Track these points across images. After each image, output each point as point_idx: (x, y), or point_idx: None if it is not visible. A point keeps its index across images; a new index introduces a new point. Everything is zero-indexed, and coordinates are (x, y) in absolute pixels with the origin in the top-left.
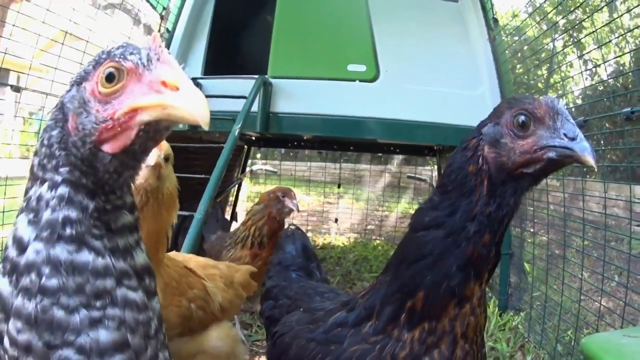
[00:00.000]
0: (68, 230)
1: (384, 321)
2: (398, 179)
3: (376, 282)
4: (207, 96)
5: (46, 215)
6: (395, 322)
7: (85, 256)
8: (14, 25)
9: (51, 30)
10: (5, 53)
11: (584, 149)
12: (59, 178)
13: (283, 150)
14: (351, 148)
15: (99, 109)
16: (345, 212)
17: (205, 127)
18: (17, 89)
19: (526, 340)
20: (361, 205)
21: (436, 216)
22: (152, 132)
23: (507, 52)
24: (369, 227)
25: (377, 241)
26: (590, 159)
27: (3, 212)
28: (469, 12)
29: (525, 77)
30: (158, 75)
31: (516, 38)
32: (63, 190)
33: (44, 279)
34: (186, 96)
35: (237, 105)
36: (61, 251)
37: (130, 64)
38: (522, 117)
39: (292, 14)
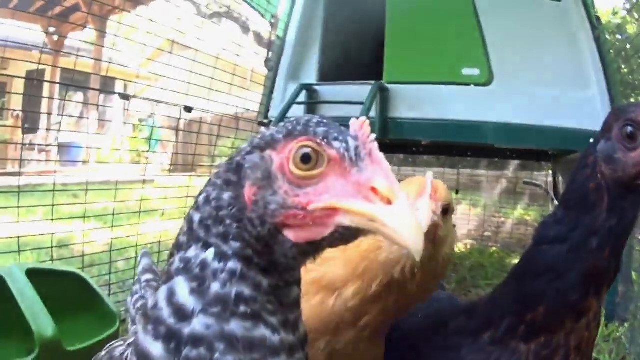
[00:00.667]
0: (242, 308)
1: (502, 332)
2: (514, 184)
3: (496, 292)
4: (324, 102)
5: (215, 288)
6: (513, 333)
7: (262, 332)
8: (115, 36)
9: (157, 39)
10: (110, 62)
11: None
12: (229, 251)
13: (402, 156)
14: (469, 153)
15: (289, 192)
16: (462, 217)
17: (417, 258)
18: (125, 96)
19: (627, 352)
20: (478, 211)
21: (559, 231)
22: (348, 235)
23: (611, 51)
24: (485, 233)
25: (494, 248)
26: None
27: (113, 214)
28: (573, 11)
29: (631, 77)
30: (369, 179)
31: (619, 36)
32: (234, 265)
33: (217, 354)
34: (401, 217)
35: (354, 112)
36: (237, 327)
37: (334, 153)
38: (629, 129)
39: (403, 18)
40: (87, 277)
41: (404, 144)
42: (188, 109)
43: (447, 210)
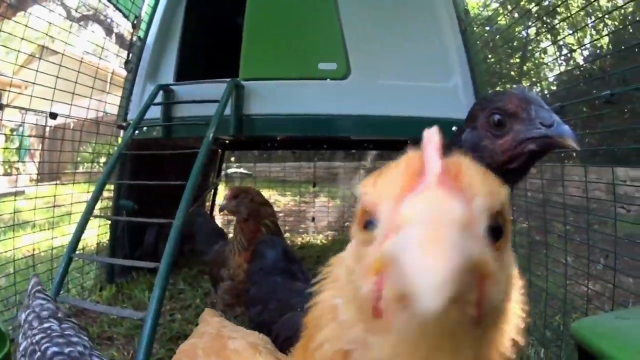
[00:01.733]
0: None
1: None
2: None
3: None
4: (180, 102)
5: None
6: None
7: None
8: None
9: (30, 45)
10: None
11: (563, 133)
12: None
13: (257, 152)
14: (324, 146)
15: None
16: (322, 210)
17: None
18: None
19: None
20: (337, 202)
21: None
22: None
23: (478, 42)
24: (346, 224)
25: None
26: (571, 142)
27: None
28: (439, 5)
29: (498, 66)
30: None
31: (488, 28)
32: None
33: None
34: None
35: (211, 110)
36: None
37: None
38: (497, 117)
39: (262, 15)
40: None
41: (260, 140)
42: (53, 116)
43: (498, 229)
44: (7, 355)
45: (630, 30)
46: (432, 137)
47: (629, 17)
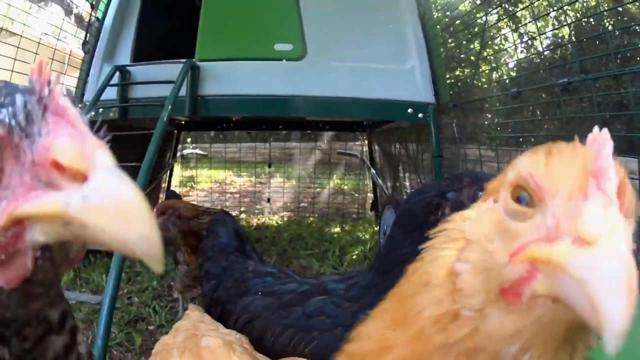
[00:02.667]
0: None
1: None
2: (329, 155)
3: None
4: (135, 83)
5: None
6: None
7: None
8: None
9: None
10: None
11: None
12: None
13: (213, 133)
14: (280, 127)
15: None
16: (277, 191)
17: (158, 268)
18: None
19: None
20: (293, 183)
21: (404, 253)
22: (58, 257)
23: (438, 27)
24: (302, 204)
25: (311, 218)
26: None
27: None
28: None
29: (457, 50)
30: (46, 147)
31: (448, 13)
32: None
33: None
34: (105, 196)
35: (166, 91)
36: None
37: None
38: (480, 194)
39: None
40: None
41: (215, 120)
42: None
43: None
44: None
45: (592, 22)
46: (605, 140)
47: (591, 10)
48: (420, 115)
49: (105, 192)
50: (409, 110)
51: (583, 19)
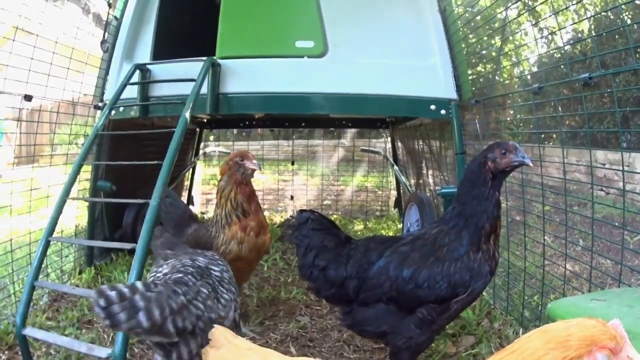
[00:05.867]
0: None
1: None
2: (352, 152)
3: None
4: (156, 81)
5: None
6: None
7: None
8: None
9: (3, 27)
10: None
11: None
12: None
13: (235, 131)
14: (303, 124)
15: None
16: (300, 188)
17: None
18: None
19: (492, 307)
20: (316, 181)
21: (470, 194)
22: None
23: (459, 22)
24: (325, 202)
25: (335, 216)
26: (529, 163)
27: None
28: None
29: (479, 46)
30: None
31: (469, 9)
32: None
33: None
34: None
35: (188, 89)
36: None
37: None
38: (504, 151)
39: None
40: None
41: (237, 118)
42: (28, 98)
43: None
44: None
45: (611, 17)
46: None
47: (609, 4)
48: (442, 111)
49: None
50: (432, 106)
51: (602, 13)
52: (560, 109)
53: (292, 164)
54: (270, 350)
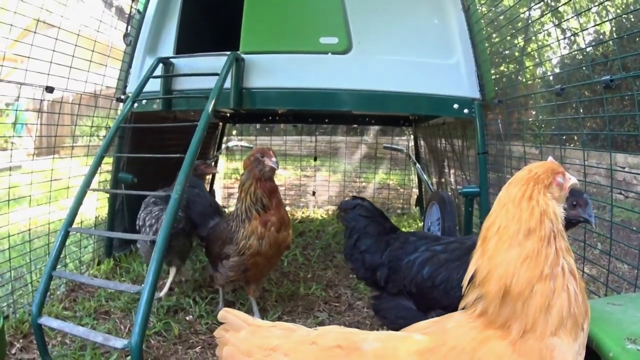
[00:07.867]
0: None
1: None
2: (374, 149)
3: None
4: (179, 75)
5: None
6: None
7: None
8: None
9: (24, 19)
10: None
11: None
12: None
13: (258, 126)
14: (326, 120)
15: None
16: (322, 184)
17: None
18: None
19: None
20: (338, 177)
21: None
22: None
23: (482, 21)
24: (347, 199)
25: None
26: (593, 222)
27: None
28: None
29: (502, 46)
30: None
31: (492, 8)
32: None
33: None
34: None
35: (211, 83)
36: None
37: None
38: (574, 202)
39: None
40: None
41: (261, 113)
42: (50, 89)
43: None
44: (1, 330)
45: (632, 19)
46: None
47: (631, 6)
48: (465, 110)
49: None
50: (455, 105)
51: (623, 15)
52: (581, 110)
53: (315, 159)
54: (292, 324)
